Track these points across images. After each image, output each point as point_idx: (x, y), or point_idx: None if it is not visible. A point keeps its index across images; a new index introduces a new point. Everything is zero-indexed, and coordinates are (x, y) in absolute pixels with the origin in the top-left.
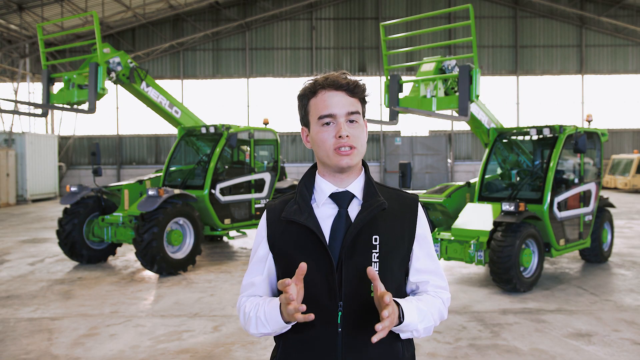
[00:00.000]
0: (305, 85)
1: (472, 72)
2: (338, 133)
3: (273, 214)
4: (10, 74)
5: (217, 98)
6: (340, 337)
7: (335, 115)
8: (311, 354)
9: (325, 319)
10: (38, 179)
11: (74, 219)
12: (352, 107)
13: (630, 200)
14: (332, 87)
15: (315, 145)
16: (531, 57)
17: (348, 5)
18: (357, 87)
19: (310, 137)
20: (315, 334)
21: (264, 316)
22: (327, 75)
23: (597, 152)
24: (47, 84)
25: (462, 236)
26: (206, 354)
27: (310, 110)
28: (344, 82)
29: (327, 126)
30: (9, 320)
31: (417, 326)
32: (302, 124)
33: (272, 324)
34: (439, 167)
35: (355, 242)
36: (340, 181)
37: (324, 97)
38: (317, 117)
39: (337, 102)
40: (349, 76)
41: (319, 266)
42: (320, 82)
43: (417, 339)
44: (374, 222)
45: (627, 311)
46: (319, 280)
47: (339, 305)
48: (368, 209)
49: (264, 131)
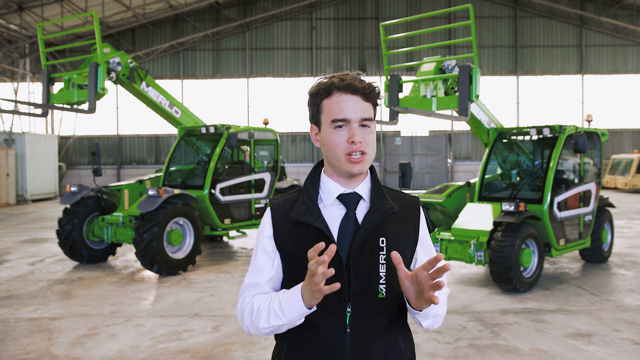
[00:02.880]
0: (320, 83)
1: (472, 72)
2: (351, 138)
3: (278, 213)
4: (10, 74)
5: (217, 98)
6: (349, 338)
7: (350, 120)
8: (318, 354)
9: (333, 320)
10: (38, 179)
11: (74, 219)
12: (366, 113)
13: (630, 200)
14: (349, 91)
15: (326, 147)
16: (531, 57)
17: (348, 5)
18: (372, 92)
19: (321, 137)
20: (323, 335)
21: (279, 306)
22: (343, 77)
23: (597, 152)
24: (47, 84)
25: (462, 236)
26: (206, 354)
27: (323, 110)
28: (360, 87)
29: (339, 129)
30: (9, 320)
31: (443, 310)
32: (312, 122)
33: (290, 312)
34: (439, 167)
35: (364, 244)
36: (348, 182)
37: (339, 100)
38: (331, 120)
39: (352, 107)
40: (364, 78)
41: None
42: (337, 84)
43: (416, 338)
44: (381, 224)
45: (627, 311)
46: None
47: (347, 306)
48: (377, 211)
49: (264, 131)
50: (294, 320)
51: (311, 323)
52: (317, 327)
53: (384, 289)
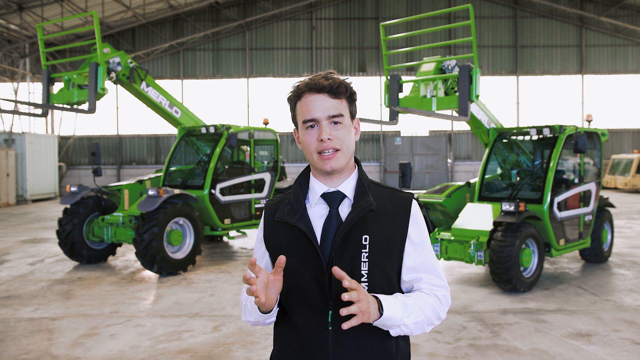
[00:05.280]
0: (292, 87)
1: (472, 72)
2: (319, 137)
3: (270, 214)
4: (10, 74)
5: (217, 98)
6: (331, 336)
7: (317, 119)
8: (303, 352)
9: (316, 318)
10: (38, 179)
11: (74, 219)
12: (334, 110)
13: (630, 200)
14: (314, 90)
15: (303, 148)
16: (531, 57)
17: (348, 5)
18: (339, 87)
19: (299, 139)
20: (307, 332)
21: (250, 305)
22: (312, 77)
23: (597, 152)
24: (47, 84)
25: (462, 236)
26: (206, 354)
27: (297, 112)
28: (325, 84)
29: (311, 129)
30: (9, 320)
31: (404, 320)
32: (294, 126)
33: (254, 313)
34: (439, 167)
35: (345, 242)
36: (331, 181)
37: (307, 100)
38: (302, 121)
39: (319, 106)
40: (335, 76)
41: (310, 266)
42: (303, 86)
43: (416, 338)
44: (364, 222)
45: (627, 311)
46: (310, 280)
47: (329, 304)
48: (357, 209)
49: (264, 131)
50: (260, 320)
51: (297, 322)
52: (302, 325)
53: (367, 286)
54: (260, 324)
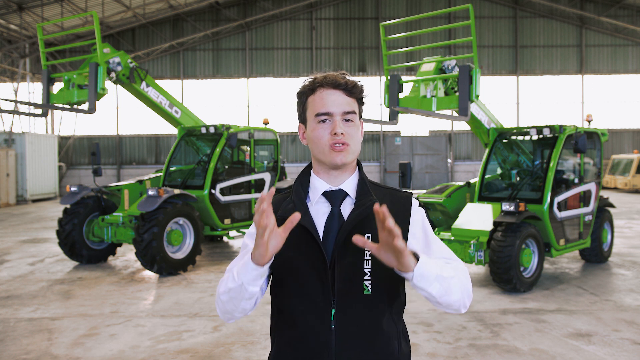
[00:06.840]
0: (304, 82)
1: (472, 72)
2: (333, 130)
3: None
4: (10, 74)
5: (217, 98)
6: (334, 335)
7: (332, 114)
8: (305, 351)
9: (318, 316)
10: (38, 179)
11: (74, 219)
12: (349, 107)
13: (630, 200)
14: (331, 86)
15: (311, 142)
16: (531, 57)
17: (348, 5)
18: (354, 87)
19: (307, 134)
20: (309, 331)
21: (236, 270)
22: (326, 74)
23: (597, 152)
24: (47, 84)
25: (462, 236)
26: (206, 354)
27: (308, 107)
28: (342, 82)
29: (323, 123)
30: (9, 320)
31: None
32: (300, 121)
33: (244, 273)
34: (439, 167)
35: (348, 241)
36: (334, 179)
37: (322, 95)
38: (314, 115)
39: (334, 101)
40: (348, 76)
41: (313, 264)
42: (319, 81)
43: (416, 338)
44: (367, 220)
45: (627, 311)
46: (313, 278)
47: (332, 302)
48: (360, 207)
49: (264, 131)
50: (246, 283)
51: (297, 320)
52: (303, 324)
53: (370, 285)
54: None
